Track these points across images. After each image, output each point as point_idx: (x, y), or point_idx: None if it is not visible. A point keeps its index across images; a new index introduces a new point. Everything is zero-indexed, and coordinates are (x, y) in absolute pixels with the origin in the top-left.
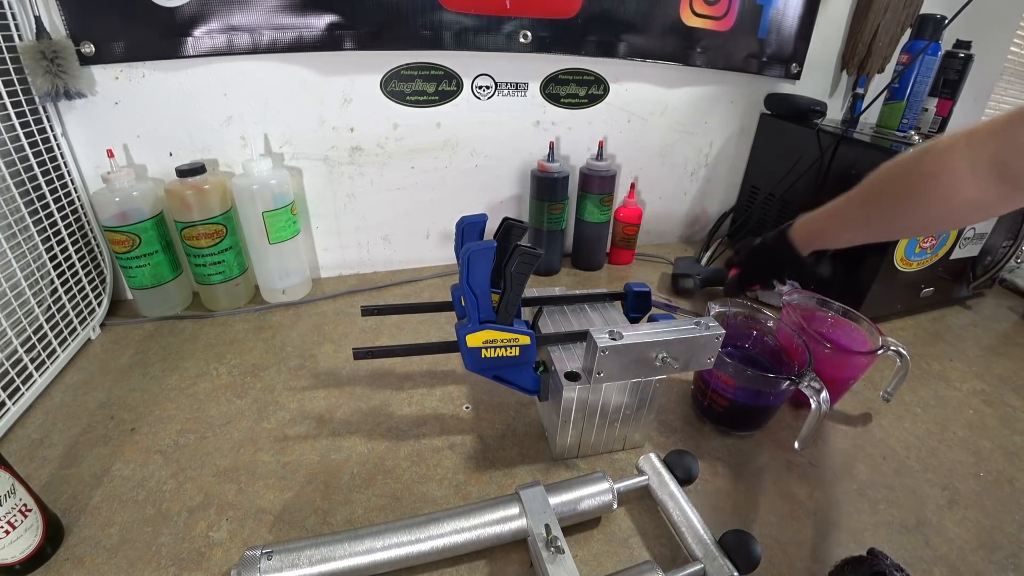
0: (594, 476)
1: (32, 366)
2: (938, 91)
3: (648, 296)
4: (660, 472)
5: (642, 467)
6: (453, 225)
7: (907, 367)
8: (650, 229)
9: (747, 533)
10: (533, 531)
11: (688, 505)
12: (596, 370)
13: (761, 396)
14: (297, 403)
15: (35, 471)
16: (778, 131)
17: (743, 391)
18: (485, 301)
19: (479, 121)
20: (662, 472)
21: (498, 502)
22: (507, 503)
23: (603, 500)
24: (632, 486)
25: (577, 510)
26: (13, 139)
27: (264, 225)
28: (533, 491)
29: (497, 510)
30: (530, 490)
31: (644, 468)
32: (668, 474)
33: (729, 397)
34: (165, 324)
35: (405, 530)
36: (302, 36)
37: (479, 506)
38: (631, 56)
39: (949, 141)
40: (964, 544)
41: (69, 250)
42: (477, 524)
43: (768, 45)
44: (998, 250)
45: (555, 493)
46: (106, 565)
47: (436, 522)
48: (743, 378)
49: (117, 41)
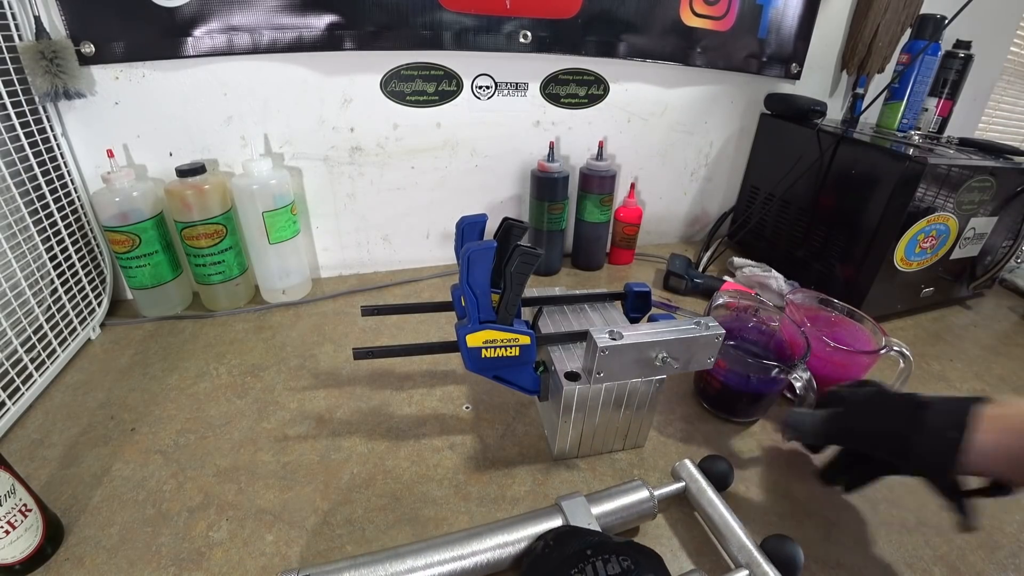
0: (633, 484)
1: (32, 366)
2: (938, 91)
3: (648, 296)
4: (697, 478)
5: (679, 473)
6: (453, 225)
7: (910, 368)
8: (650, 229)
9: (788, 538)
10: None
11: (727, 510)
12: (596, 370)
13: (752, 382)
14: (297, 403)
15: (35, 471)
16: (778, 131)
17: (734, 375)
18: (485, 301)
19: (479, 121)
20: (699, 478)
21: (539, 514)
22: (549, 515)
23: (644, 508)
24: (670, 493)
25: (620, 519)
26: (13, 139)
27: (264, 225)
28: (575, 501)
29: (540, 522)
30: (571, 500)
31: (681, 474)
32: (705, 480)
33: (721, 379)
34: (165, 324)
35: (447, 547)
36: (302, 36)
37: (520, 519)
38: (631, 56)
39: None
40: (964, 544)
41: (69, 250)
42: (520, 538)
43: (768, 45)
44: (998, 250)
45: (597, 503)
46: (106, 565)
47: (478, 537)
48: (732, 360)
49: (117, 41)
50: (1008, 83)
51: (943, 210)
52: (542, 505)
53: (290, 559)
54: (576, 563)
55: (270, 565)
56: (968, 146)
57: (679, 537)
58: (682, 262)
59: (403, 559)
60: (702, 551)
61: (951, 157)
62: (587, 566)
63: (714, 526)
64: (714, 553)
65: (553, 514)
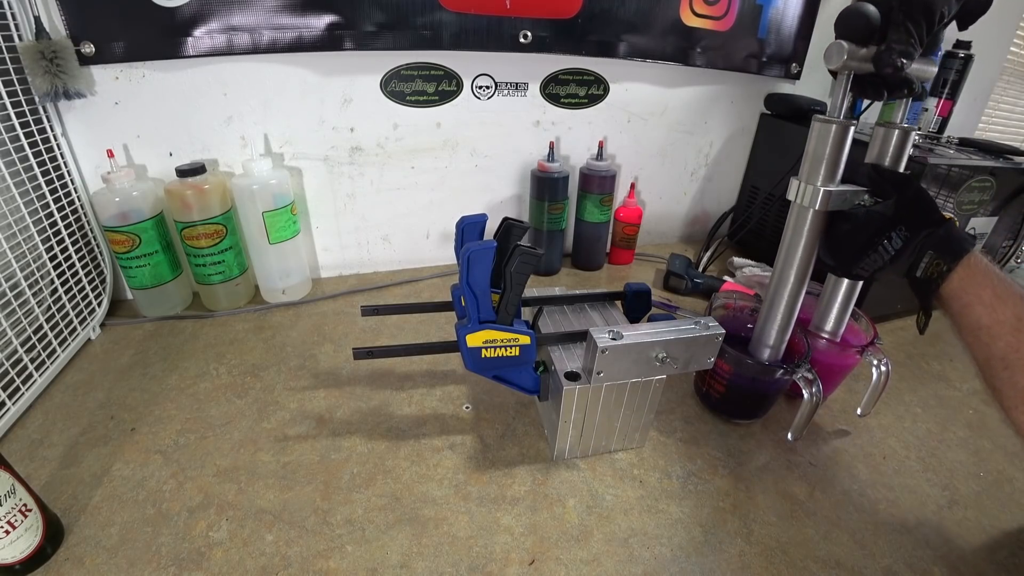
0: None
1: (32, 366)
2: (938, 91)
3: (648, 296)
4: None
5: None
6: (453, 225)
7: (885, 381)
8: (650, 229)
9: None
10: None
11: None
12: (596, 370)
13: (756, 383)
14: (297, 403)
15: (35, 471)
16: (778, 131)
17: (739, 378)
18: (485, 301)
19: (479, 121)
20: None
21: None
22: None
23: None
24: None
25: None
26: (13, 139)
27: (264, 225)
28: None
29: None
30: None
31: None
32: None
33: (725, 383)
34: (165, 324)
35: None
36: (302, 36)
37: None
38: (631, 56)
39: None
40: (964, 544)
41: (69, 250)
42: None
43: (768, 45)
44: (998, 250)
45: None
46: (106, 565)
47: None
48: (738, 365)
49: (117, 41)
50: (1008, 83)
51: (943, 210)
52: (542, 504)
53: (290, 559)
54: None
55: (270, 565)
56: (968, 146)
57: None
58: (682, 262)
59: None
60: None
61: (951, 157)
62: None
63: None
64: None
65: None
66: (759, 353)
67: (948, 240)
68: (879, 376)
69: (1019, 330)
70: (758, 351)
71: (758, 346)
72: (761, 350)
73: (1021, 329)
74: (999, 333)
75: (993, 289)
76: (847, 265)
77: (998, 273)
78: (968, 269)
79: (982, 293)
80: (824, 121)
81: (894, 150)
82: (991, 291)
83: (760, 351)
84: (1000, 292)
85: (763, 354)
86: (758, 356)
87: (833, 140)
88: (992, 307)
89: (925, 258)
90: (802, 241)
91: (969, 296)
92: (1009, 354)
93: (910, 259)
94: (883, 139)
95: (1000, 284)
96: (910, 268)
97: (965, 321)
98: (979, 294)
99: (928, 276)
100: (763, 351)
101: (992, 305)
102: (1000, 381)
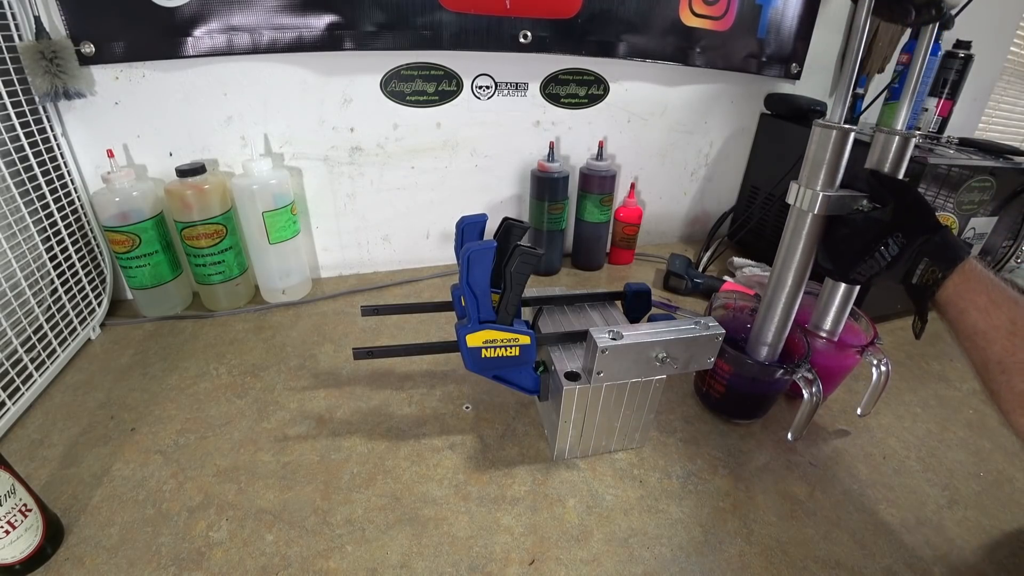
0: None
1: (32, 366)
2: (938, 91)
3: (648, 296)
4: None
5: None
6: (453, 225)
7: (885, 381)
8: (650, 229)
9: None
10: None
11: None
12: (596, 370)
13: (756, 383)
14: (297, 403)
15: (35, 471)
16: (778, 131)
17: (739, 378)
18: (485, 301)
19: (479, 121)
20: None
21: None
22: None
23: None
24: None
25: None
26: (13, 139)
27: (264, 225)
28: None
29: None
30: None
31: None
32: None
33: (726, 383)
34: (165, 324)
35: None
36: (302, 36)
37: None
38: (631, 56)
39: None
40: (964, 544)
41: (69, 250)
42: None
43: (768, 45)
44: (998, 250)
45: None
46: (106, 565)
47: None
48: (739, 365)
49: (117, 41)
50: (1008, 83)
51: (943, 210)
52: (542, 504)
53: (290, 559)
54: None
55: (270, 565)
56: (968, 146)
57: None
58: (682, 262)
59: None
60: None
61: (951, 157)
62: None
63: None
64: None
65: None
66: (757, 352)
67: (944, 247)
68: (879, 376)
69: (1014, 334)
70: (756, 350)
71: (756, 344)
72: (759, 349)
73: (1016, 333)
74: (994, 338)
75: (988, 294)
76: (844, 270)
77: (993, 278)
78: (963, 275)
79: (977, 299)
80: (824, 126)
81: (894, 156)
82: (986, 296)
83: (758, 350)
84: (995, 297)
85: (760, 353)
86: (755, 355)
87: (833, 145)
88: (987, 312)
89: (921, 265)
90: (800, 244)
91: (964, 302)
92: (1005, 358)
93: (906, 265)
94: (883, 145)
95: (995, 289)
96: (906, 275)
97: (961, 326)
98: (974, 300)
99: (924, 283)
100: (761, 350)
101: (987, 310)
102: (997, 385)
